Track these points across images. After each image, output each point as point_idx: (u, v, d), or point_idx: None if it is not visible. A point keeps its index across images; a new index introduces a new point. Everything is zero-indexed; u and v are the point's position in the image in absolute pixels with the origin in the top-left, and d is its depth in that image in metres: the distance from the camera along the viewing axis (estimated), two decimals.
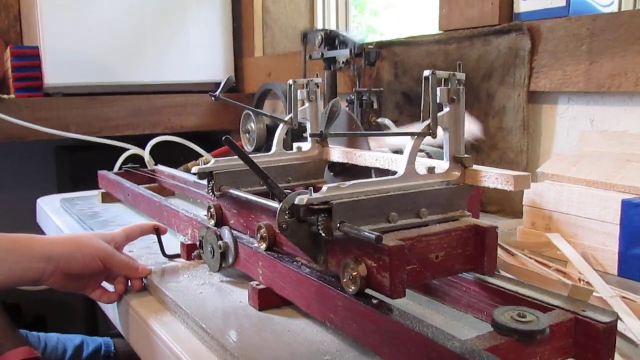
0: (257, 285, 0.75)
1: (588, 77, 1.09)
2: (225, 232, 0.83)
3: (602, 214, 0.89)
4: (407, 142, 0.67)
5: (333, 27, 2.14)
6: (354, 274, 0.59)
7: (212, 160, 0.91)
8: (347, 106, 1.38)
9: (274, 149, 0.99)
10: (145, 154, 1.54)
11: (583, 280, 0.79)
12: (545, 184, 0.99)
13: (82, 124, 1.91)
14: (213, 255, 0.85)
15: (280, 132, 1.00)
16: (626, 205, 0.85)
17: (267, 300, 0.74)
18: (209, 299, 0.78)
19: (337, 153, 0.95)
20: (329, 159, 0.98)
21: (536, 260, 0.87)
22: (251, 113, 1.51)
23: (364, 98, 1.31)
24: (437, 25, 1.40)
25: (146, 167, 1.51)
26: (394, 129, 1.31)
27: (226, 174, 0.89)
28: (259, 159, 0.96)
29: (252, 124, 1.50)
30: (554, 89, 1.16)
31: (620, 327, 0.60)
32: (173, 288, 0.82)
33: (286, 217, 0.64)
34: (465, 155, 0.68)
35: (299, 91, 0.99)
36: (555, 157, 1.07)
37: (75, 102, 1.92)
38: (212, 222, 0.90)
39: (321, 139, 0.73)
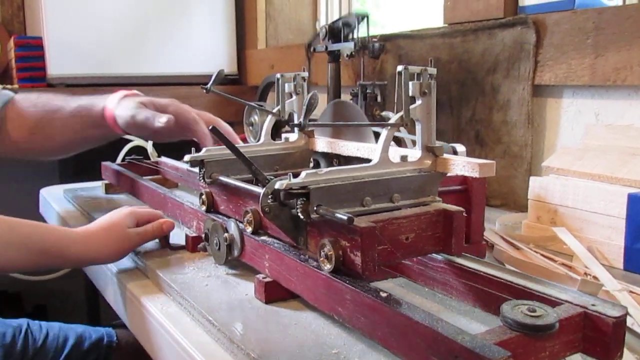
0: (264, 278, 0.75)
1: (593, 71, 1.09)
2: (231, 225, 0.83)
3: (608, 208, 0.89)
4: (382, 133, 0.72)
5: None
6: (329, 253, 0.64)
7: (204, 149, 0.95)
8: (351, 99, 1.37)
9: (262, 139, 1.03)
10: (149, 145, 1.54)
11: (589, 274, 0.79)
12: (550, 178, 0.99)
13: None
14: (219, 247, 0.85)
15: (268, 123, 1.04)
16: (632, 199, 0.85)
17: (274, 293, 0.74)
18: (215, 292, 0.78)
19: (322, 143, 0.99)
20: (314, 149, 1.01)
21: (542, 254, 0.87)
22: (255, 105, 1.51)
23: (368, 91, 1.31)
24: (441, 19, 1.40)
25: (149, 158, 1.51)
26: None
27: (217, 162, 0.94)
28: (248, 148, 1.00)
29: (256, 117, 1.50)
30: (559, 82, 1.16)
31: (628, 321, 0.60)
32: (179, 280, 0.82)
33: (269, 201, 0.69)
34: (437, 145, 0.72)
35: (286, 84, 1.03)
36: (560, 150, 1.07)
37: (78, 93, 1.91)
38: (204, 207, 0.94)
39: (300, 128, 0.79)
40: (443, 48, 1.37)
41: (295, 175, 0.66)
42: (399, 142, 1.25)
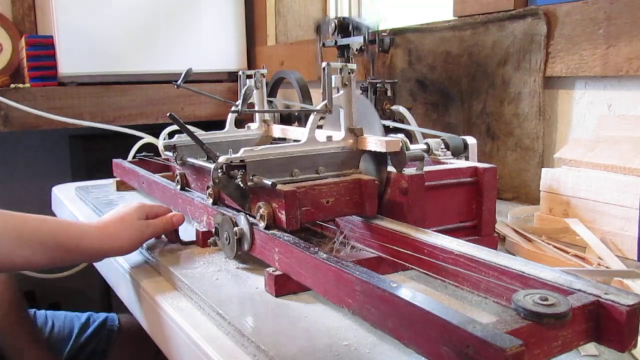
0: (274, 271, 0.75)
1: (605, 61, 1.08)
2: (241, 219, 0.83)
3: (621, 198, 0.88)
4: (310, 117, 0.85)
5: (346, 14, 2.13)
6: (263, 213, 0.78)
7: (176, 136, 1.09)
8: (361, 93, 1.37)
9: (226, 127, 1.19)
10: (159, 142, 1.54)
11: (603, 265, 0.78)
12: (562, 169, 0.98)
13: (96, 113, 1.92)
14: (229, 242, 0.84)
15: (230, 115, 1.19)
16: None
17: (284, 286, 0.74)
18: (225, 286, 0.78)
19: (278, 130, 1.17)
20: (272, 135, 1.18)
21: (554, 246, 0.86)
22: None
23: (378, 86, 1.31)
24: (451, 12, 1.39)
25: (160, 155, 1.51)
26: (408, 116, 1.30)
27: (187, 147, 1.08)
28: (213, 135, 1.17)
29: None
30: (570, 73, 1.15)
31: None
32: (189, 274, 0.82)
33: (219, 173, 0.79)
34: (358, 127, 0.85)
35: (247, 80, 1.17)
36: (573, 142, 1.06)
37: (89, 91, 1.93)
38: (179, 186, 1.07)
39: (238, 114, 0.94)
40: (453, 41, 1.36)
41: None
42: (410, 136, 1.24)
